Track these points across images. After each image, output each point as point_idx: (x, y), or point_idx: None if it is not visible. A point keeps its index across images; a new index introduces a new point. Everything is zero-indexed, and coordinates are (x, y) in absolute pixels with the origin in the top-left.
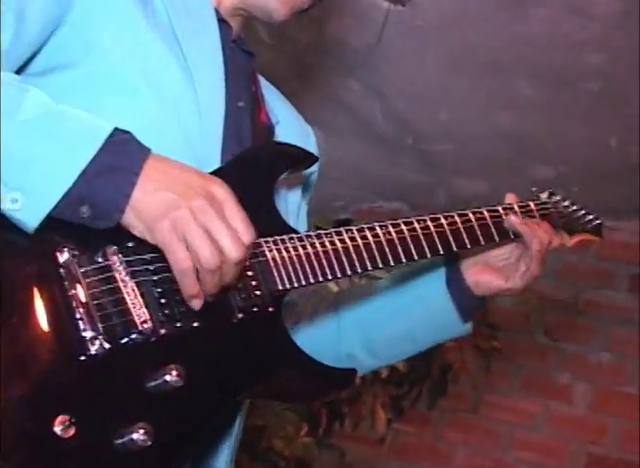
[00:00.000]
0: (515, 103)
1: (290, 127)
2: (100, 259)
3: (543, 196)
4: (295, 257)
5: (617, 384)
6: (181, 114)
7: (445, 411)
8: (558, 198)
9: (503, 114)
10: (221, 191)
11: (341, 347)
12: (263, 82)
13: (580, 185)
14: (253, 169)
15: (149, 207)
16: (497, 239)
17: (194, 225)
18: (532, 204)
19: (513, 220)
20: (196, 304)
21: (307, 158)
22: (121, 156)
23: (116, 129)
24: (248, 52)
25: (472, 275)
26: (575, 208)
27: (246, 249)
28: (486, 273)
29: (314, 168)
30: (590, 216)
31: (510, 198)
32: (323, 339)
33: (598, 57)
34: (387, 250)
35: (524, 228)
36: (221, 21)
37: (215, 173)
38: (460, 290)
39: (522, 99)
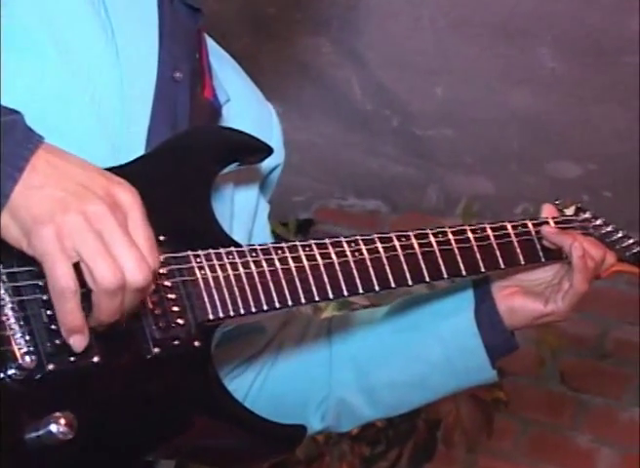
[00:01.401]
0: (534, 79)
1: (243, 107)
2: None
3: (569, 212)
4: (232, 278)
5: None
6: (97, 86)
7: None
8: (588, 216)
9: (518, 92)
10: (128, 197)
11: (333, 389)
12: (214, 48)
13: (613, 189)
14: (185, 159)
15: (31, 206)
16: (542, 258)
17: (88, 234)
18: (551, 221)
19: (549, 231)
20: (78, 342)
21: (258, 149)
22: (1, 144)
23: (1, 106)
24: (193, 7)
25: (503, 299)
26: (609, 229)
27: (151, 274)
28: (519, 295)
29: (276, 161)
30: (630, 241)
31: (547, 210)
32: (309, 378)
33: None
34: (371, 271)
35: (562, 236)
36: None
37: (134, 162)
38: (493, 324)
39: (543, 74)
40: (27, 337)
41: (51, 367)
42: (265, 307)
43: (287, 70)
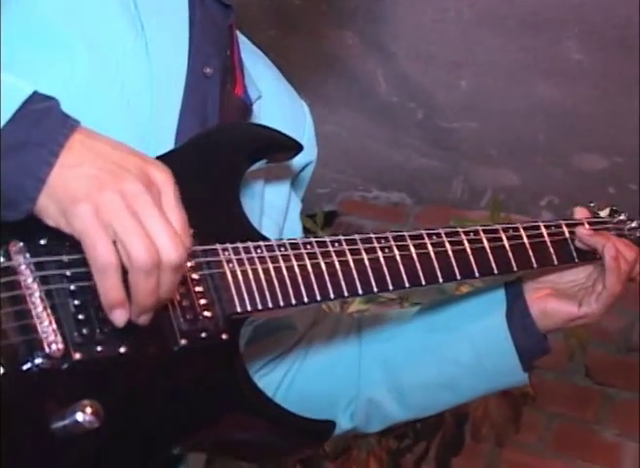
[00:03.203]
0: (560, 71)
1: (275, 104)
2: (0, 258)
3: (603, 214)
4: (261, 272)
5: None
6: (125, 79)
7: None
8: (622, 218)
9: (544, 84)
10: (162, 176)
11: (362, 388)
12: (246, 45)
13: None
14: (214, 155)
15: (67, 184)
16: (575, 258)
17: (124, 212)
18: (585, 223)
19: (583, 233)
20: (119, 317)
21: (288, 146)
22: (37, 130)
23: (36, 93)
24: (224, 4)
25: (536, 302)
26: None
27: (186, 253)
28: (552, 298)
29: (307, 158)
30: None
31: (580, 212)
32: (338, 377)
33: None
34: (402, 269)
35: (596, 238)
36: None
37: (164, 156)
38: (525, 327)
39: (569, 66)
40: (54, 326)
41: (78, 356)
42: (294, 302)
43: (312, 62)
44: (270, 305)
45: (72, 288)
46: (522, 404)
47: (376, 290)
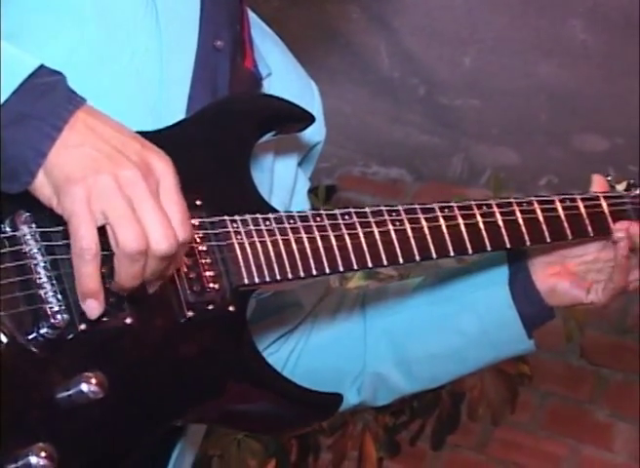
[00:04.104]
0: (564, 51)
1: (285, 82)
2: (6, 228)
3: (620, 187)
4: (269, 243)
5: None
6: (135, 50)
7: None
8: (639, 192)
9: (547, 64)
10: (161, 165)
11: (368, 363)
12: (256, 22)
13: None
14: (225, 125)
15: (65, 164)
16: (590, 233)
17: (118, 197)
18: (602, 199)
19: (619, 227)
20: (91, 308)
21: (299, 117)
22: (41, 103)
23: (42, 67)
24: None
25: (547, 278)
26: None
27: (177, 244)
28: (565, 278)
29: (319, 137)
30: None
31: (598, 182)
32: (344, 352)
33: None
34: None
35: (617, 226)
36: None
37: (174, 126)
38: (528, 295)
39: (573, 46)
40: (60, 297)
41: (83, 326)
42: (302, 274)
43: (315, 35)
44: (278, 277)
45: None
46: (519, 384)
47: (386, 263)
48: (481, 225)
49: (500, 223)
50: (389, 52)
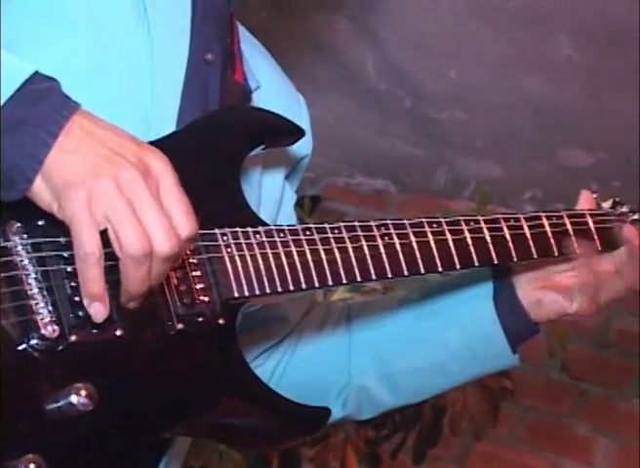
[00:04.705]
0: (550, 66)
1: (273, 96)
2: None
3: (606, 205)
4: (259, 257)
5: None
6: (127, 61)
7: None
8: (625, 210)
9: (533, 78)
10: (160, 165)
11: (353, 376)
12: (246, 36)
13: (623, 179)
14: (215, 138)
15: (64, 169)
16: (577, 250)
17: (119, 200)
18: (589, 217)
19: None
20: (97, 311)
21: (289, 130)
22: (36, 110)
23: (37, 73)
24: None
25: (532, 292)
26: None
27: (180, 243)
28: (550, 290)
29: (306, 150)
30: None
31: (585, 199)
32: (329, 365)
33: None
34: (402, 258)
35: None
36: None
37: (165, 138)
38: (512, 310)
39: (559, 62)
40: (50, 308)
41: (73, 338)
42: (292, 288)
43: (302, 46)
44: (268, 291)
45: (69, 269)
46: (501, 398)
47: (374, 277)
48: (469, 241)
49: (488, 239)
50: (376, 63)
